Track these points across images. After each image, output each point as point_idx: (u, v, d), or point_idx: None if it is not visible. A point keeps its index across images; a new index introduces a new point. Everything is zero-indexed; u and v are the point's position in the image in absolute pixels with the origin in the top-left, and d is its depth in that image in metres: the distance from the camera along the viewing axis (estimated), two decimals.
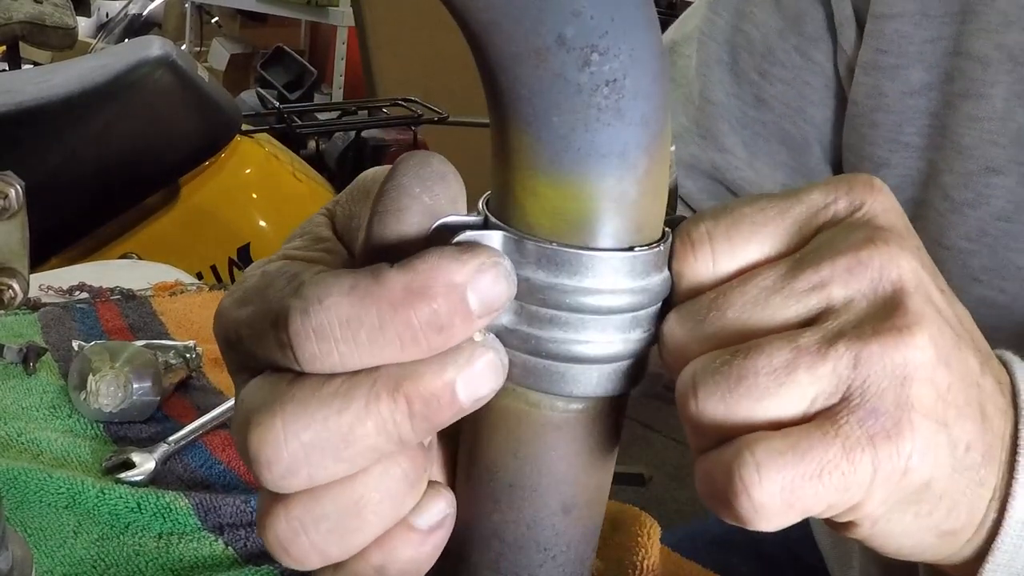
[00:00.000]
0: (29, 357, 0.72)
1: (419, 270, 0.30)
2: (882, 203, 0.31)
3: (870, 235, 0.30)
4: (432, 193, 0.32)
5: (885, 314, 0.29)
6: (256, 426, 0.29)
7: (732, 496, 0.30)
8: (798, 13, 0.63)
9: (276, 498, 0.31)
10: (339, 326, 0.29)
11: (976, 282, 0.56)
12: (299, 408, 0.29)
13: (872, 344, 0.28)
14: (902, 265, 0.29)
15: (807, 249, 0.31)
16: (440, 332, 0.30)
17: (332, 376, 0.29)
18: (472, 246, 0.32)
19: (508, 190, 0.36)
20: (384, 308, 0.29)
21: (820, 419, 0.29)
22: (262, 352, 0.30)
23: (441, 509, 0.34)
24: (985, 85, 0.54)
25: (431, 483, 0.34)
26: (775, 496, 0.29)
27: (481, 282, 0.30)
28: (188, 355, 0.73)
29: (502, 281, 0.31)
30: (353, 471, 0.31)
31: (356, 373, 0.29)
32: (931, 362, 0.29)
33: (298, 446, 0.29)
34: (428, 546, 0.34)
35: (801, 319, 0.30)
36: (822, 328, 0.29)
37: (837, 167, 0.65)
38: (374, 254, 0.32)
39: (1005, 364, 0.35)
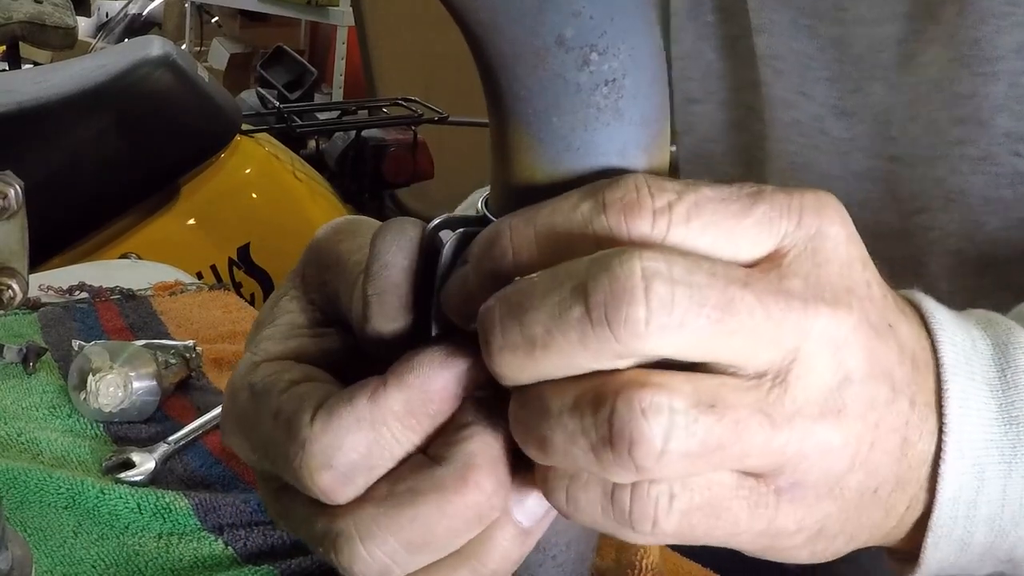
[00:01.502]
0: (29, 357, 0.72)
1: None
2: (832, 235, 0.30)
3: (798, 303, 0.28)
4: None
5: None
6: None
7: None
8: None
9: None
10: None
11: None
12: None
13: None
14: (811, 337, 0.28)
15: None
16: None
17: None
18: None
19: (508, 189, 0.36)
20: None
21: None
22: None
23: None
24: (680, 31, 0.66)
25: None
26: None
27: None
28: (188, 355, 0.73)
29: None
30: None
31: None
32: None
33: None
34: None
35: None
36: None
37: None
38: (376, 344, 0.32)
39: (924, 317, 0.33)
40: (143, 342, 0.73)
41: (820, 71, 0.61)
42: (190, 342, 0.75)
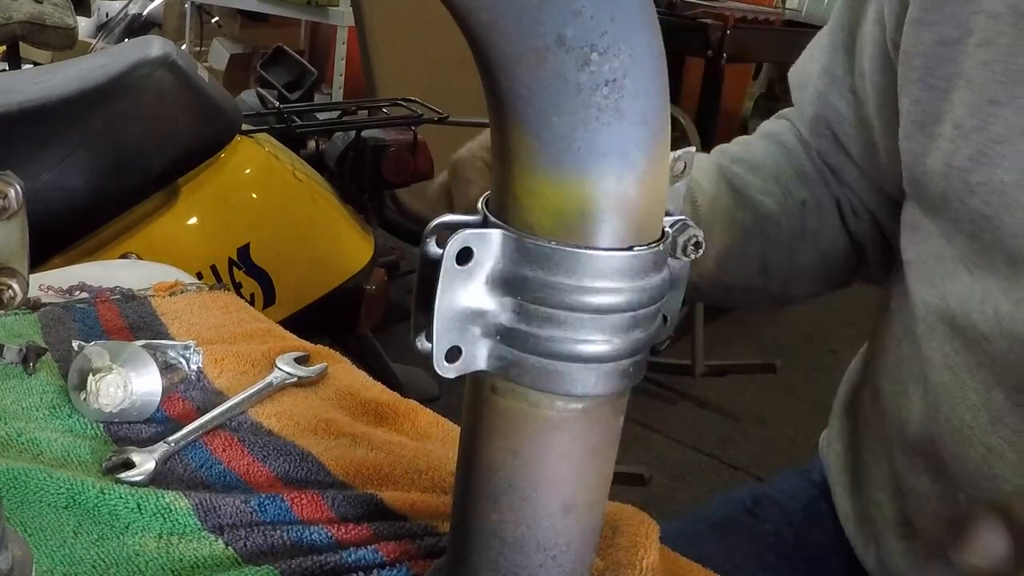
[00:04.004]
0: (29, 357, 0.72)
1: None
2: None
3: None
4: None
5: None
6: None
7: None
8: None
9: None
10: None
11: (973, 195, 0.68)
12: None
13: None
14: None
15: None
16: None
17: None
18: None
19: (508, 189, 0.36)
20: None
21: None
22: None
23: None
24: (996, 35, 0.67)
25: None
26: None
27: None
28: (188, 355, 0.74)
29: None
30: None
31: None
32: None
33: None
34: None
35: None
36: None
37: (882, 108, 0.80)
38: None
39: None
40: (143, 342, 0.73)
41: None
42: (191, 342, 0.75)
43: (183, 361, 0.73)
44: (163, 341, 0.76)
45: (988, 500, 0.68)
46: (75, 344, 0.72)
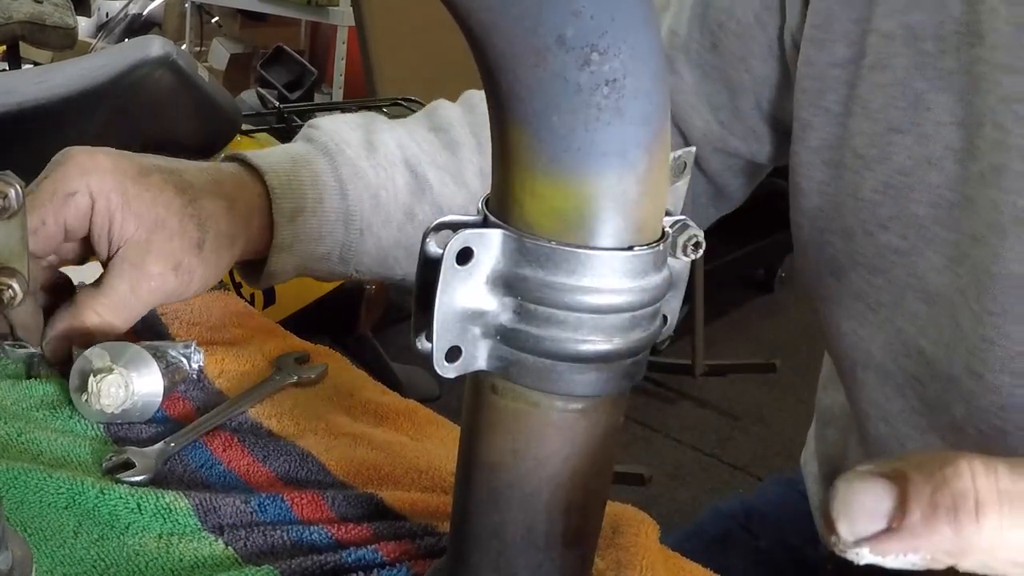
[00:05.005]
0: (35, 365, 0.72)
1: None
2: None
3: None
4: None
5: None
6: None
7: None
8: None
9: None
10: None
11: (884, 229, 0.65)
12: None
13: None
14: None
15: None
16: None
17: None
18: None
19: (508, 189, 0.36)
20: None
21: None
22: None
23: None
24: (889, 57, 0.64)
25: None
26: None
27: None
28: (189, 354, 0.73)
29: None
30: None
31: None
32: None
33: None
34: None
35: None
36: None
37: (770, 119, 0.76)
38: None
39: None
40: (145, 343, 0.73)
41: None
42: (191, 341, 0.75)
43: (184, 360, 0.73)
44: (164, 342, 0.76)
45: None
46: (74, 349, 0.72)
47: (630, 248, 0.37)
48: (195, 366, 0.73)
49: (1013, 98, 0.57)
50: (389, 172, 0.76)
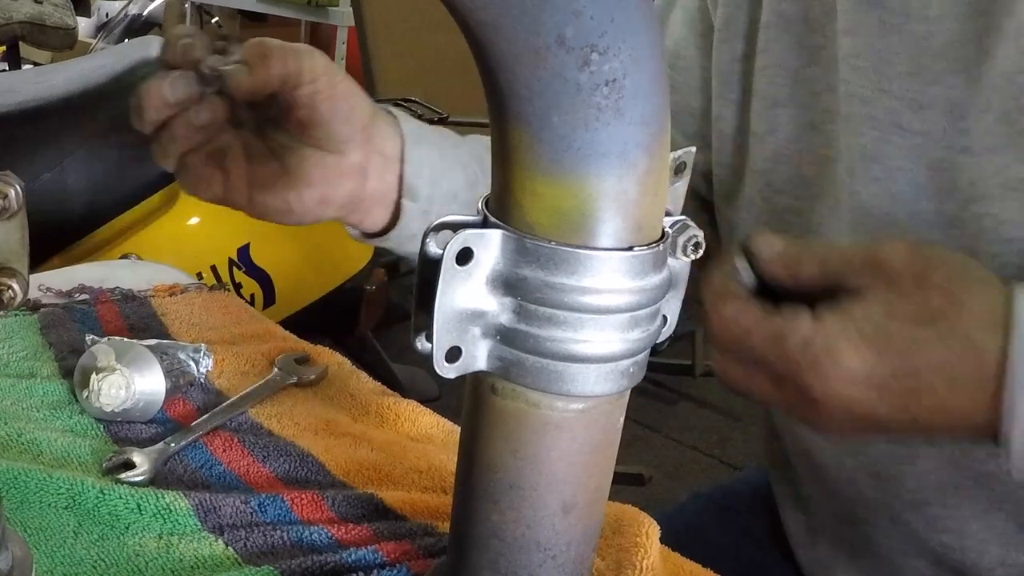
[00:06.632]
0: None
1: None
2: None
3: None
4: None
5: None
6: None
7: None
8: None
9: None
10: None
11: (781, 194, 0.72)
12: None
13: None
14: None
15: None
16: None
17: None
18: None
19: (508, 189, 0.36)
20: None
21: None
22: None
23: None
24: (769, 42, 0.72)
25: None
26: None
27: None
28: (198, 358, 0.73)
29: None
30: None
31: None
32: None
33: None
34: None
35: None
36: None
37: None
38: None
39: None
40: (153, 342, 0.73)
41: (900, 66, 0.65)
42: (201, 345, 0.74)
43: (192, 364, 0.72)
44: (174, 342, 0.75)
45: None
46: (88, 338, 0.72)
47: (630, 248, 0.37)
48: (203, 370, 0.73)
49: (853, 54, 0.67)
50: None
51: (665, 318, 0.42)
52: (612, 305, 0.37)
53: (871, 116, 0.66)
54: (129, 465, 0.61)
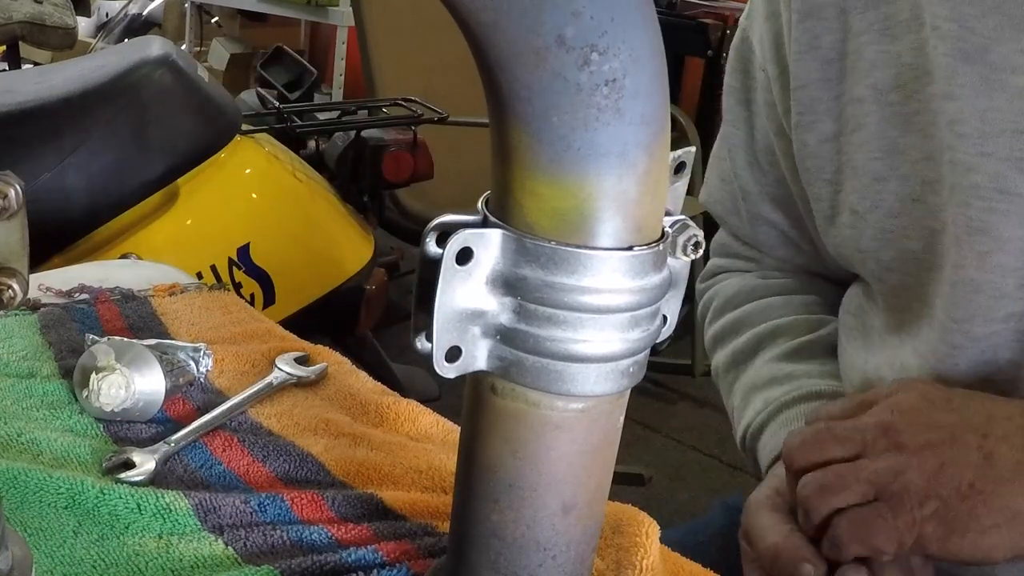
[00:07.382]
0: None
1: None
2: None
3: None
4: None
5: None
6: None
7: None
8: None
9: None
10: None
11: (890, 272, 0.71)
12: None
13: None
14: None
15: None
16: None
17: None
18: None
19: (507, 189, 0.36)
20: None
21: None
22: None
23: None
24: (863, 116, 0.70)
25: None
26: None
27: None
28: (198, 357, 0.73)
29: None
30: None
31: None
32: None
33: None
34: None
35: None
36: None
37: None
38: None
39: None
40: (153, 341, 0.73)
41: (1004, 124, 0.62)
42: (201, 345, 0.74)
43: (192, 364, 0.72)
44: (173, 342, 0.76)
45: None
46: (88, 338, 0.72)
47: (630, 248, 0.37)
48: (203, 370, 0.73)
49: (955, 120, 0.63)
50: None
51: (665, 318, 0.43)
52: (612, 305, 0.37)
53: (976, 185, 0.63)
54: (129, 465, 0.61)
